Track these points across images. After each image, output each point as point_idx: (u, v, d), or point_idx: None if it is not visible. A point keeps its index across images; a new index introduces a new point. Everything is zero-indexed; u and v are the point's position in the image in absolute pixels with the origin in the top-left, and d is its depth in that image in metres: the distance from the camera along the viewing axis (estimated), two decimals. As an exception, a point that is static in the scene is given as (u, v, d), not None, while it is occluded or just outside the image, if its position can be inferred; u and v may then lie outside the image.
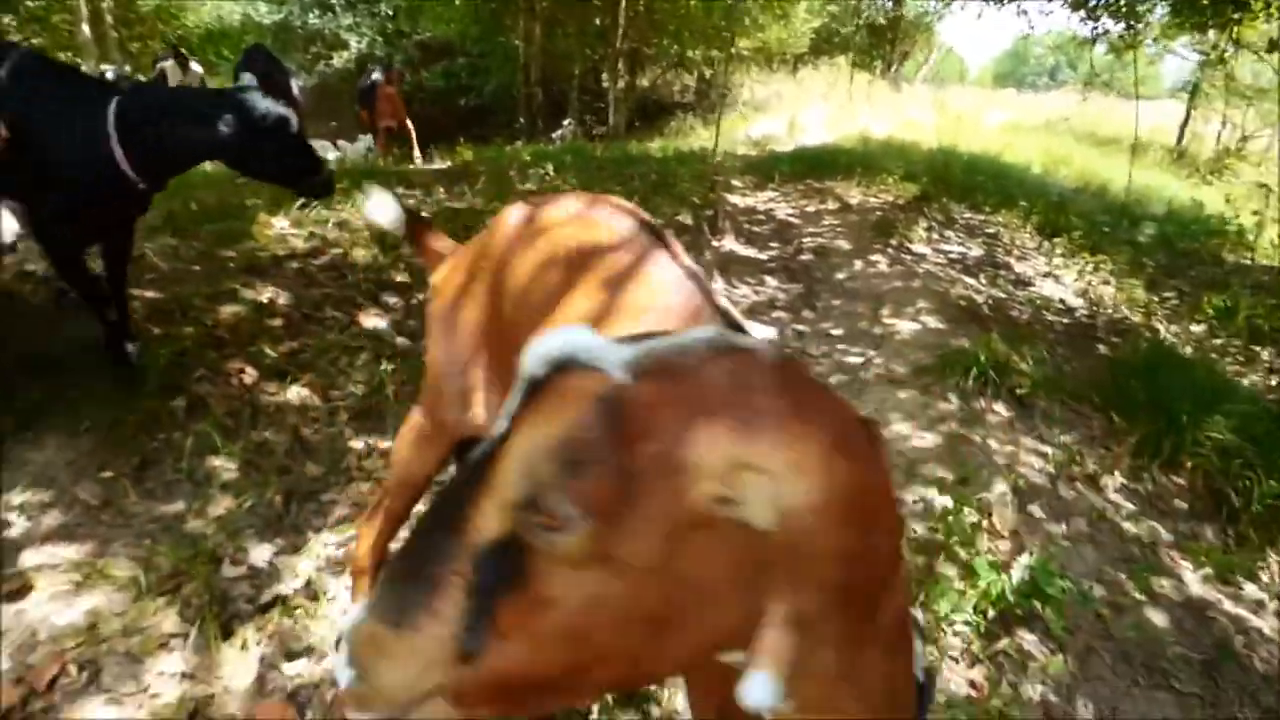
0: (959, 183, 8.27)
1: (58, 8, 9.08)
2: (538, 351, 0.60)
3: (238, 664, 2.00)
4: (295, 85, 7.12)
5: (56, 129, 2.50)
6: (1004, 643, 2.42)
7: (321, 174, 2.80)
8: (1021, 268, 6.20)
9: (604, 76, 16.12)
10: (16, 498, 2.31)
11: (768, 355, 0.60)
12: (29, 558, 2.14)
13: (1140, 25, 8.76)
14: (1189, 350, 5.02)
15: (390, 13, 17.48)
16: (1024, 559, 2.65)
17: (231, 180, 5.57)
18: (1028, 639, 2.51)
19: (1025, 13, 7.70)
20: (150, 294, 3.43)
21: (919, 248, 6.08)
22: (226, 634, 2.04)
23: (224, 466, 2.60)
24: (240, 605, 2.15)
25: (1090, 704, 2.37)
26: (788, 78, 21.09)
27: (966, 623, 2.46)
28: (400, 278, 4.18)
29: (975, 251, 6.29)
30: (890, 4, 22.52)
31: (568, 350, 0.58)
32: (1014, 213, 7.57)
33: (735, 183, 8.55)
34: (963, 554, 2.63)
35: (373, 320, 3.71)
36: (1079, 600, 2.57)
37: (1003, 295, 5.37)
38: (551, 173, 7.03)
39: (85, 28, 7.70)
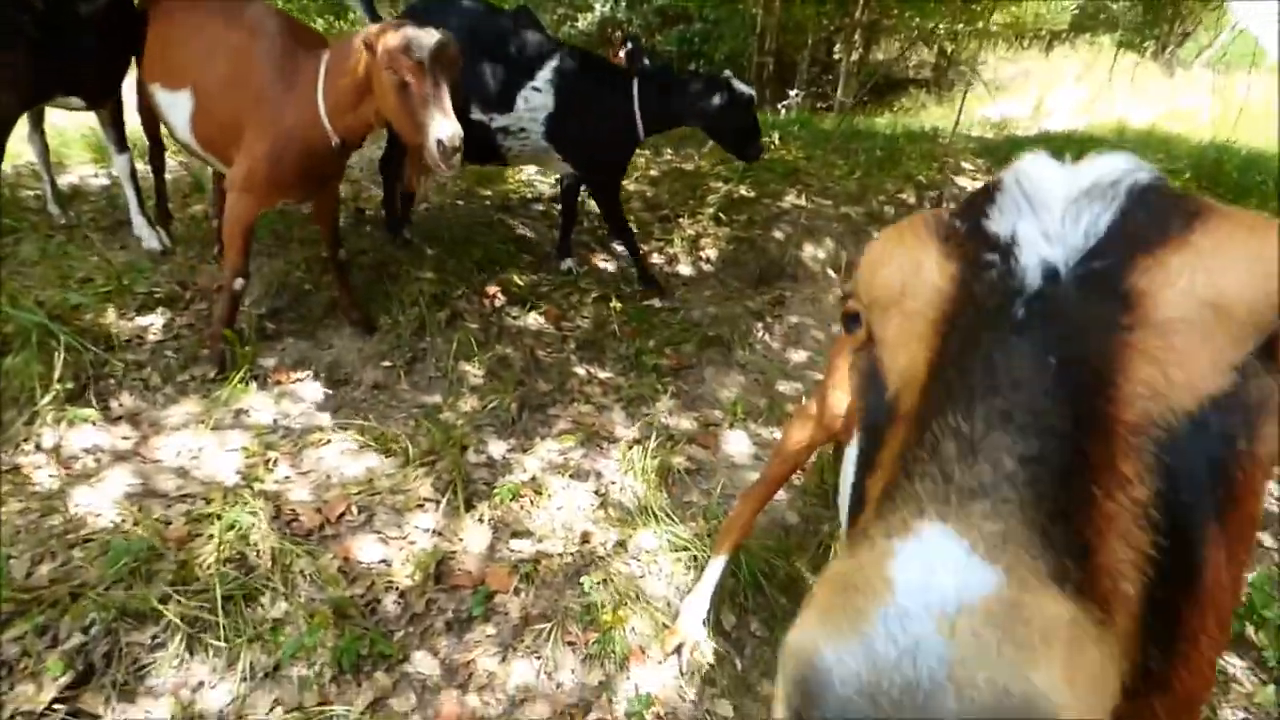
0: (1230, 182, 7.31)
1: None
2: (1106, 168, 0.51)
3: (475, 531, 2.40)
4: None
5: (604, 108, 3.59)
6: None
7: (759, 143, 3.78)
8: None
9: (837, 48, 15.66)
10: (323, 371, 2.88)
11: None
12: (328, 419, 2.68)
13: None
14: None
15: (635, -24, 18.04)
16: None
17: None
18: (1235, 664, 2.37)
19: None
20: (419, 224, 4.01)
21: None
22: (468, 506, 2.45)
23: (473, 372, 3.06)
24: (479, 486, 2.56)
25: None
26: (1039, 55, 19.28)
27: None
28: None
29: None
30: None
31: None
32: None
33: (965, 165, 8.11)
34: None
35: (603, 263, 4.07)
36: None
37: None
38: (778, 142, 7.10)
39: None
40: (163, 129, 3.15)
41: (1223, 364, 0.41)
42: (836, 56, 15.57)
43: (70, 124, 4.13)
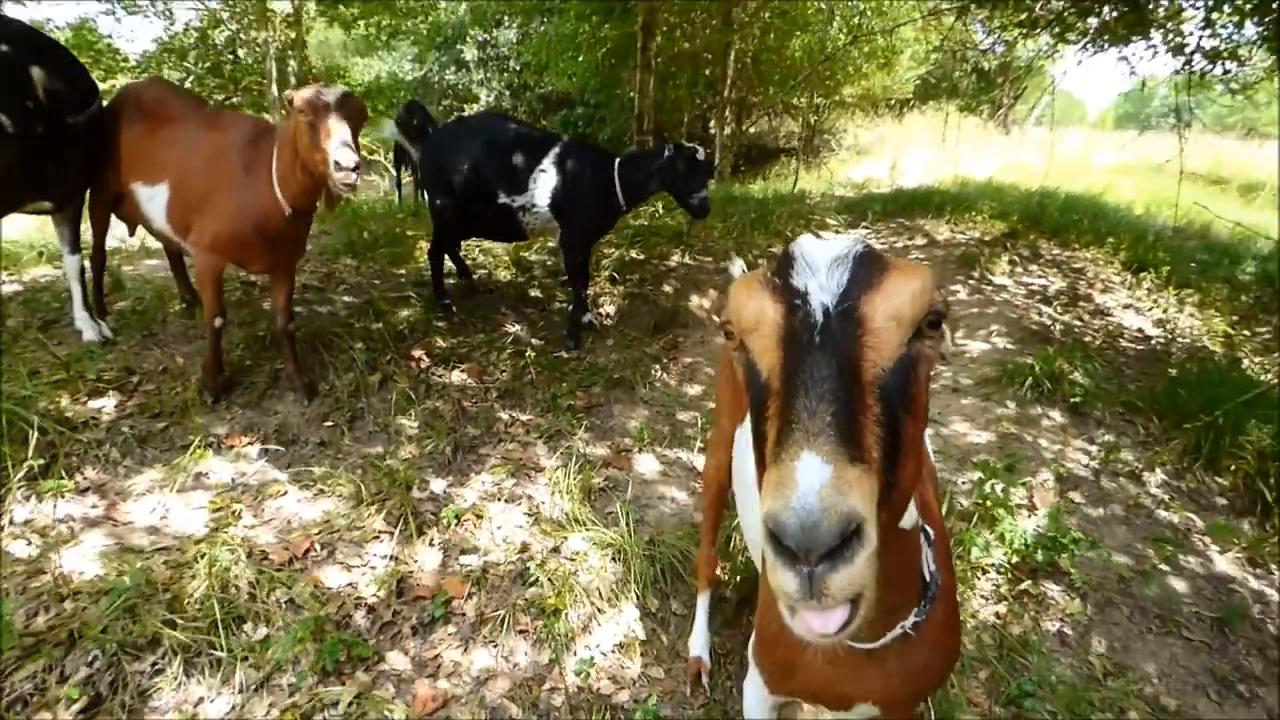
0: (1052, 221, 8.48)
1: (252, 71, 10.94)
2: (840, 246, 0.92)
3: (428, 553, 2.76)
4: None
5: (593, 179, 4.28)
6: (1026, 584, 2.88)
7: (706, 199, 4.36)
8: (1103, 299, 6.44)
9: (711, 124, 17.02)
10: (271, 434, 3.19)
11: None
12: (282, 474, 2.99)
13: (1242, 68, 8.70)
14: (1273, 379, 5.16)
15: (518, 69, 19.09)
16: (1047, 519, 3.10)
17: (393, 216, 6.65)
18: (1052, 588, 2.96)
19: (1126, 59, 7.82)
20: (347, 299, 4.39)
21: (1000, 279, 6.46)
22: (419, 533, 2.81)
23: (409, 424, 3.43)
24: (427, 515, 2.92)
25: (1104, 641, 2.79)
26: (894, 121, 21.36)
27: (996, 568, 2.94)
28: (535, 293, 5.04)
29: (1057, 284, 6.59)
30: (1000, 49, 22.43)
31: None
32: (1104, 249, 7.75)
33: (830, 220, 9.09)
34: (995, 511, 3.10)
35: (512, 326, 4.54)
36: (1088, 548, 2.99)
37: (1078, 323, 5.68)
38: (659, 209, 7.82)
39: (274, 88, 9.22)
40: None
41: (900, 342, 0.88)
42: (711, 131, 16.81)
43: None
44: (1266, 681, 2.70)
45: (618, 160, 4.40)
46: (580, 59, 12.33)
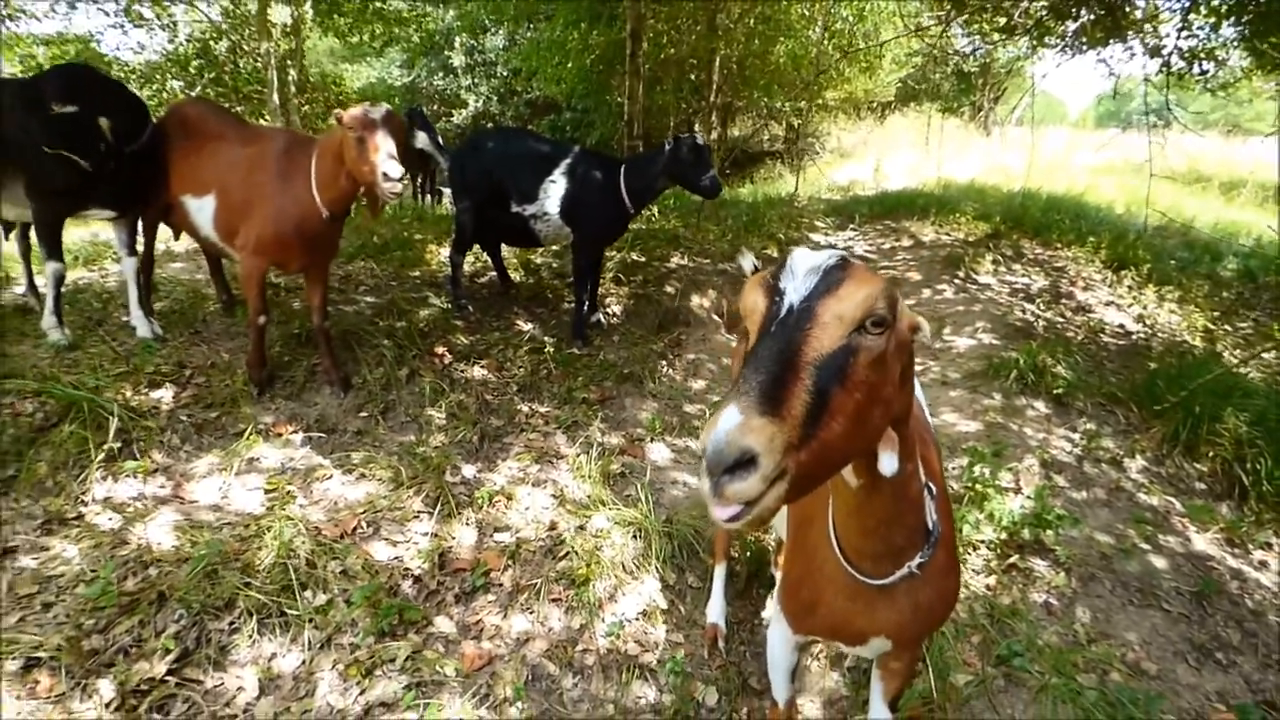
0: (1034, 221, 8.79)
1: (253, 80, 11.16)
2: (819, 258, 1.14)
3: (465, 530, 2.99)
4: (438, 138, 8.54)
5: (599, 187, 4.53)
6: (1014, 559, 3.15)
7: (714, 178, 4.52)
8: (1085, 296, 6.75)
9: (697, 128, 17.33)
10: (313, 423, 3.42)
11: None
12: (327, 458, 3.22)
13: (1219, 69, 8.99)
14: (1254, 375, 5.45)
15: (506, 74, 19.33)
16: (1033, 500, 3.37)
17: (399, 221, 6.88)
18: (1038, 563, 3.23)
19: (1105, 61, 8.10)
20: (370, 299, 4.62)
21: (984, 278, 6.76)
22: (456, 513, 3.04)
23: (437, 415, 3.66)
24: (461, 497, 3.15)
25: (1087, 611, 3.05)
26: (875, 124, 21.72)
27: (986, 544, 3.20)
28: (544, 294, 5.30)
29: (1040, 282, 6.90)
30: (980, 53, 22.82)
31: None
32: (1085, 248, 8.06)
33: (818, 223, 9.39)
34: (984, 492, 3.37)
35: (525, 324, 4.78)
36: (1072, 525, 3.26)
37: (1060, 319, 5.98)
38: (656, 214, 8.09)
39: (275, 96, 9.42)
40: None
41: (842, 335, 1.09)
42: (697, 135, 17.06)
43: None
44: (1243, 651, 2.94)
45: (623, 166, 4.65)
46: (569, 65, 12.57)
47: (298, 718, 2.18)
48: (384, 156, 3.04)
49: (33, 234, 3.72)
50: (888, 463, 1.26)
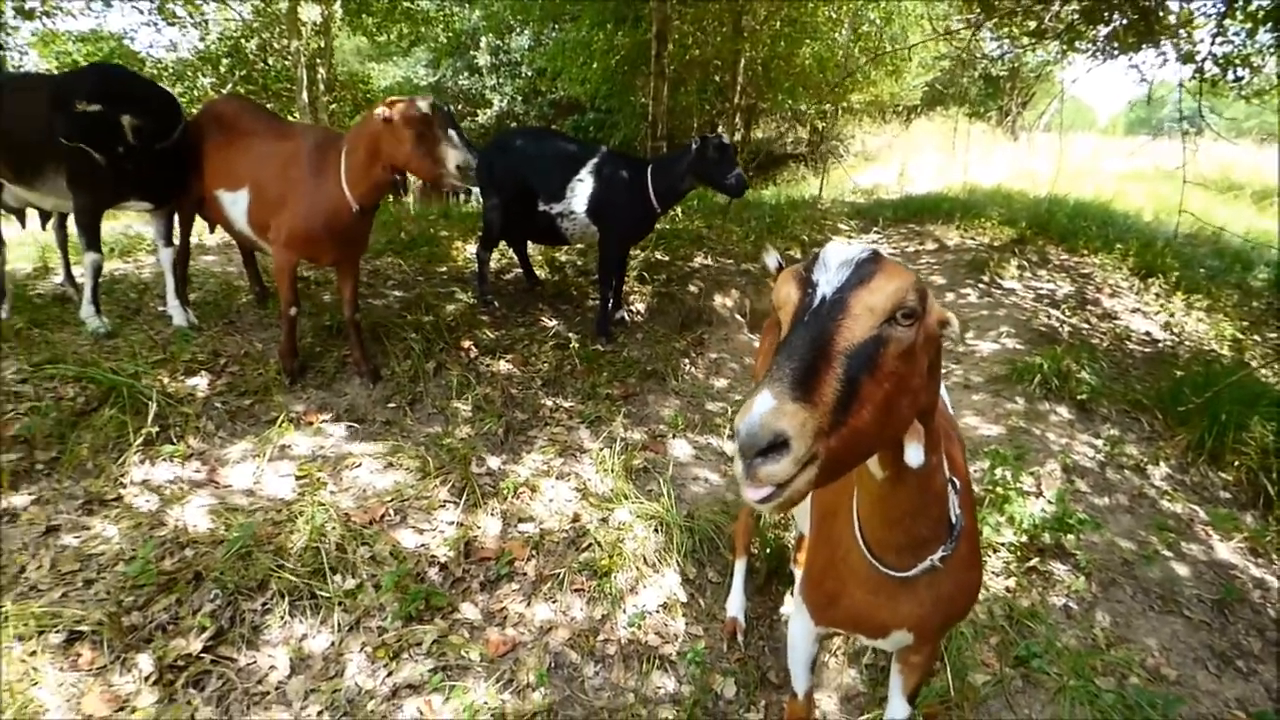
0: (1060, 227, 8.71)
1: (282, 76, 11.38)
2: (851, 251, 1.18)
3: (489, 520, 3.05)
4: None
5: (626, 186, 4.59)
6: (1034, 562, 3.16)
7: (740, 176, 4.54)
8: (1111, 303, 6.70)
9: (721, 129, 17.34)
10: (343, 413, 3.50)
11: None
12: (356, 447, 3.29)
13: (1254, 75, 8.84)
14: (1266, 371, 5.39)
15: (530, 74, 19.45)
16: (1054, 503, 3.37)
17: (426, 218, 6.97)
18: (1058, 567, 3.23)
19: (1137, 66, 7.99)
20: (398, 293, 4.70)
21: (1009, 284, 6.73)
22: (481, 503, 3.10)
23: (463, 408, 3.73)
24: (486, 488, 3.21)
25: (1107, 616, 3.05)
26: (900, 128, 21.60)
27: (1006, 547, 3.21)
28: (569, 291, 5.36)
29: (1066, 288, 6.85)
30: (1009, 55, 22.63)
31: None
32: (1112, 255, 7.99)
33: (842, 226, 9.37)
34: (1005, 495, 3.37)
35: (550, 320, 4.84)
36: (1093, 529, 3.26)
37: (1085, 325, 5.94)
38: (680, 214, 8.12)
39: (304, 94, 9.58)
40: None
41: (873, 325, 1.13)
42: (722, 135, 17.07)
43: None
44: (1265, 660, 2.93)
45: (650, 166, 4.69)
46: (594, 66, 12.63)
47: (328, 697, 2.24)
48: (450, 149, 3.14)
49: (71, 225, 3.84)
50: (914, 454, 1.29)
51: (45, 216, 4.04)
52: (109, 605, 2.30)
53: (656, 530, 3.10)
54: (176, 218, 3.86)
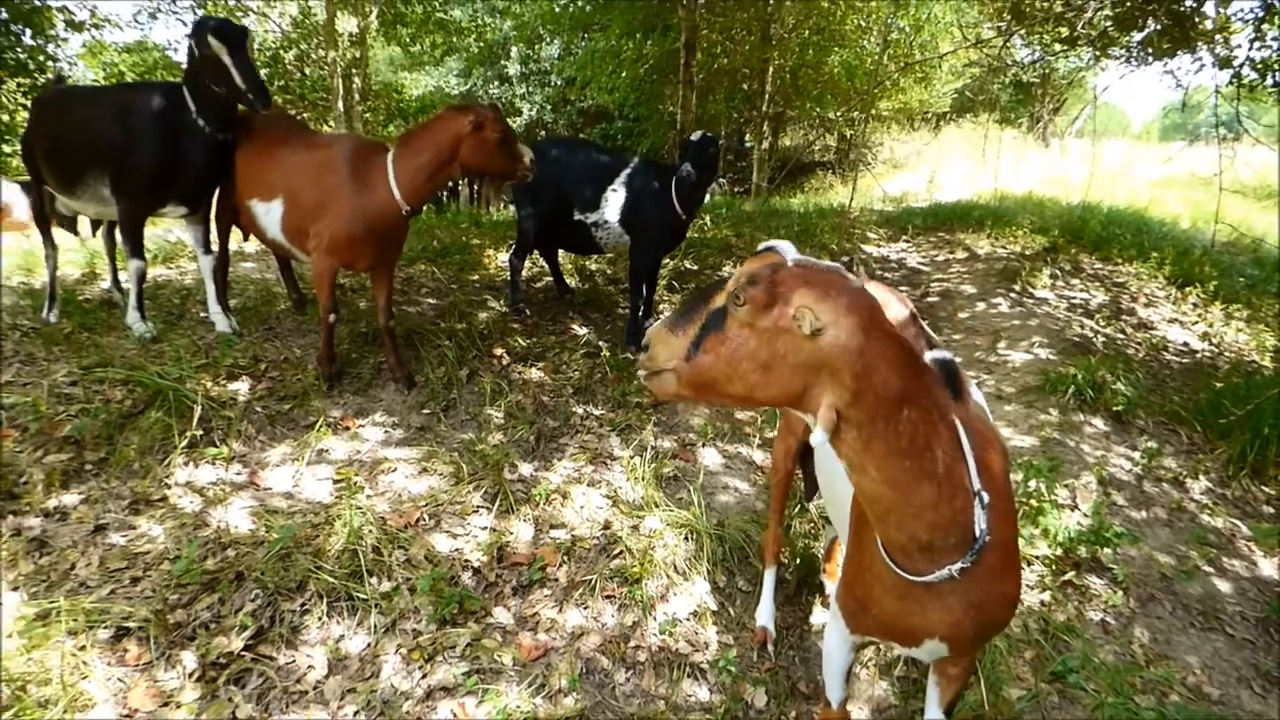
0: (1094, 235, 8.59)
1: (318, 86, 11.64)
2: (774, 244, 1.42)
3: (522, 526, 3.08)
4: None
5: (655, 195, 4.66)
6: (1070, 575, 3.12)
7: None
8: (1146, 313, 6.59)
9: (748, 137, 17.33)
10: (378, 418, 3.56)
11: (850, 278, 1.51)
12: (392, 452, 3.35)
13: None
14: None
15: (560, 83, 19.63)
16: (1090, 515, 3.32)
17: (457, 225, 7.06)
18: (1095, 581, 3.18)
19: (1172, 72, 7.87)
20: (431, 301, 4.77)
21: (1041, 293, 6.65)
22: (514, 509, 3.13)
23: (495, 415, 3.77)
24: (518, 494, 3.24)
25: (1146, 632, 3.00)
26: (929, 135, 21.45)
27: (1041, 560, 3.17)
28: (599, 300, 5.40)
29: (1100, 298, 6.75)
30: (1040, 62, 22.38)
31: (780, 247, 1.51)
32: (1147, 264, 7.86)
33: (870, 235, 9.33)
34: (1039, 507, 3.33)
35: (580, 329, 4.88)
36: (1130, 542, 3.21)
37: (1120, 335, 5.85)
38: (709, 223, 8.15)
39: (340, 103, 9.78)
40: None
41: (723, 300, 1.36)
42: (749, 145, 17.10)
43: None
44: (1314, 680, 2.86)
45: (675, 178, 4.70)
46: (623, 74, 12.72)
47: (364, 697, 2.28)
48: (524, 145, 3.55)
49: (118, 233, 3.95)
50: (817, 435, 1.36)
51: (95, 224, 4.19)
52: (155, 603, 2.37)
53: (687, 538, 3.11)
54: (214, 226, 3.95)
